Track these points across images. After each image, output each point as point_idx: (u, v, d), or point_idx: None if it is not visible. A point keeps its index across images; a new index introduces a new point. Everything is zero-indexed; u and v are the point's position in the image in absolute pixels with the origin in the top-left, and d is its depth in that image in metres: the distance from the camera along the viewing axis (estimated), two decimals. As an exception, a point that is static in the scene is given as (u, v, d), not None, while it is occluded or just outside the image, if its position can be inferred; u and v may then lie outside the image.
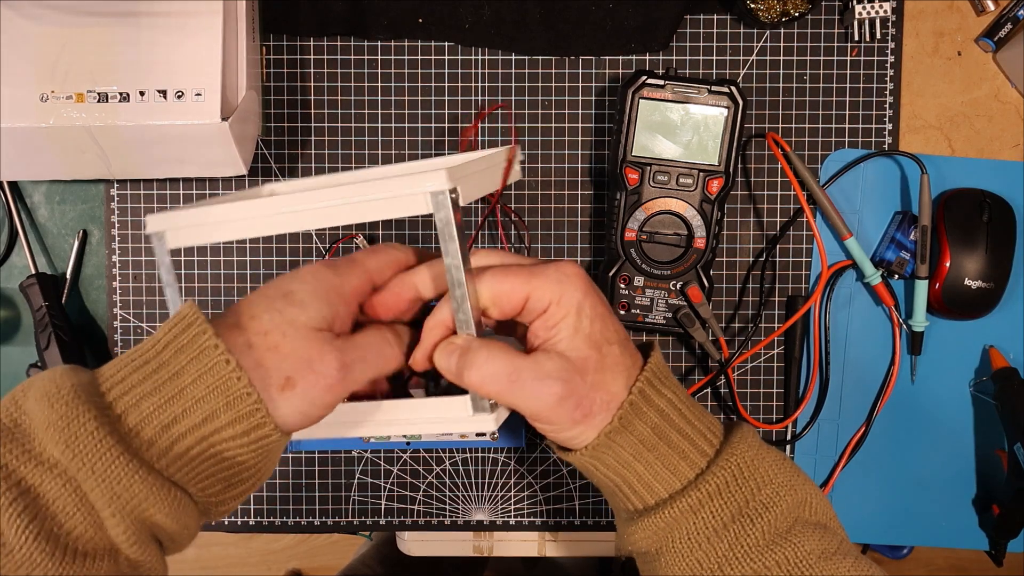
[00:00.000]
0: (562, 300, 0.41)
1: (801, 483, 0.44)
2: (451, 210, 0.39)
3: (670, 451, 0.42)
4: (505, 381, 0.40)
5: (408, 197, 0.39)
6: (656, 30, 0.64)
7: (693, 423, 0.43)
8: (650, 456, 0.42)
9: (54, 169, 0.60)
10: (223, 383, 0.37)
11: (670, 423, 0.42)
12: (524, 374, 0.40)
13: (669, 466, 0.42)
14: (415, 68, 0.66)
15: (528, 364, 0.40)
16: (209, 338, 0.37)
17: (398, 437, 0.65)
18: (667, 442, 0.42)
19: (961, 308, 0.64)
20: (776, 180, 0.66)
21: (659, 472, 0.42)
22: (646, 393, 0.42)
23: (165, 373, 0.38)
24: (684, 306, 0.63)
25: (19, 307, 0.68)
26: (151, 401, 0.37)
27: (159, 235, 0.44)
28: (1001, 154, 0.67)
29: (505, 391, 0.40)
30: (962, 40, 0.66)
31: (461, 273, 0.40)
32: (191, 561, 1.46)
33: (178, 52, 0.57)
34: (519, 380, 0.40)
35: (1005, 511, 0.65)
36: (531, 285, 0.41)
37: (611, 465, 0.43)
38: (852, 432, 0.67)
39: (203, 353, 0.37)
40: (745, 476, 0.42)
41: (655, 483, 0.43)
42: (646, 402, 0.42)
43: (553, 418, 0.41)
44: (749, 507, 0.42)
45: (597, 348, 0.41)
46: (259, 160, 0.66)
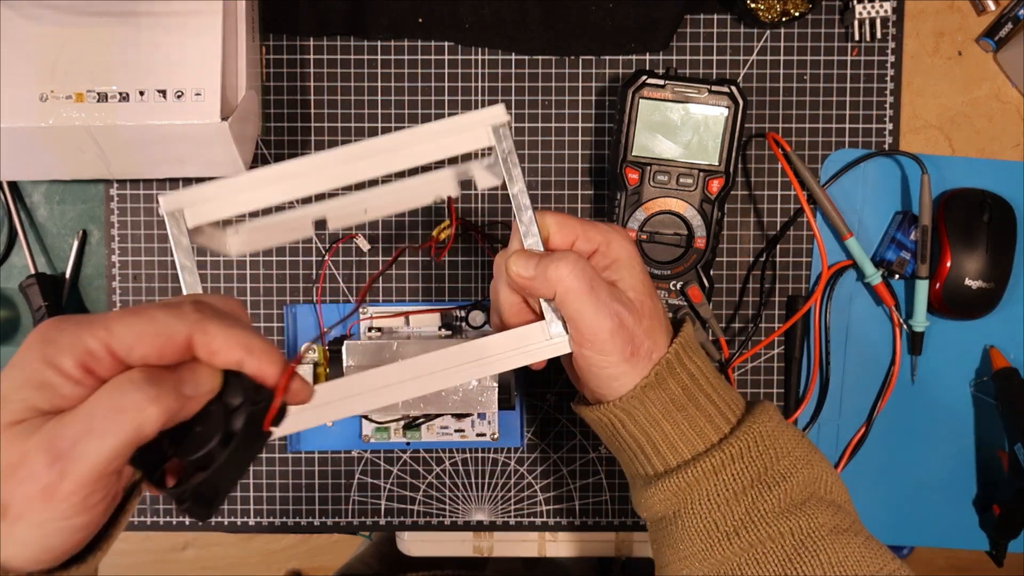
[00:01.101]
0: (611, 245, 0.43)
1: (818, 460, 0.45)
2: (511, 140, 0.43)
3: (698, 413, 0.43)
4: (586, 287, 0.41)
5: (470, 131, 0.43)
6: (656, 30, 0.64)
7: (719, 391, 0.45)
8: (679, 415, 0.43)
9: (54, 169, 0.60)
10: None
11: (699, 387, 0.44)
12: (601, 288, 0.41)
13: (695, 427, 0.43)
14: (415, 68, 0.66)
15: (604, 283, 0.42)
16: None
17: (398, 436, 0.65)
18: (695, 404, 0.43)
19: (961, 308, 0.64)
20: (776, 180, 0.66)
21: (685, 432, 0.43)
22: (680, 355, 0.43)
23: None
24: (684, 306, 0.63)
25: (19, 307, 0.68)
26: None
27: (176, 214, 0.42)
28: (1001, 154, 0.67)
29: (583, 297, 0.41)
30: (962, 40, 0.66)
31: (527, 198, 0.43)
32: (191, 561, 1.46)
33: (178, 52, 0.57)
34: (595, 290, 0.41)
35: (1005, 511, 0.65)
36: (581, 227, 0.43)
37: (639, 422, 0.43)
38: (852, 432, 0.67)
39: None
40: (766, 444, 0.43)
41: (680, 443, 0.43)
42: (680, 363, 0.43)
43: (607, 346, 0.41)
44: (768, 474, 0.43)
45: (650, 296, 0.43)
46: (259, 160, 0.66)
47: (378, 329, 0.62)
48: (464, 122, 0.43)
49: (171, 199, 0.42)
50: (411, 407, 0.58)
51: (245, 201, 0.43)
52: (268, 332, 0.66)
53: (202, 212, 0.42)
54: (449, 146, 0.44)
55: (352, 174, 0.43)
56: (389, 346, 0.58)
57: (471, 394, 0.59)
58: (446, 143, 0.43)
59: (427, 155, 0.44)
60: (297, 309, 0.64)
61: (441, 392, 0.58)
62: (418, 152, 0.43)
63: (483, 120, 0.43)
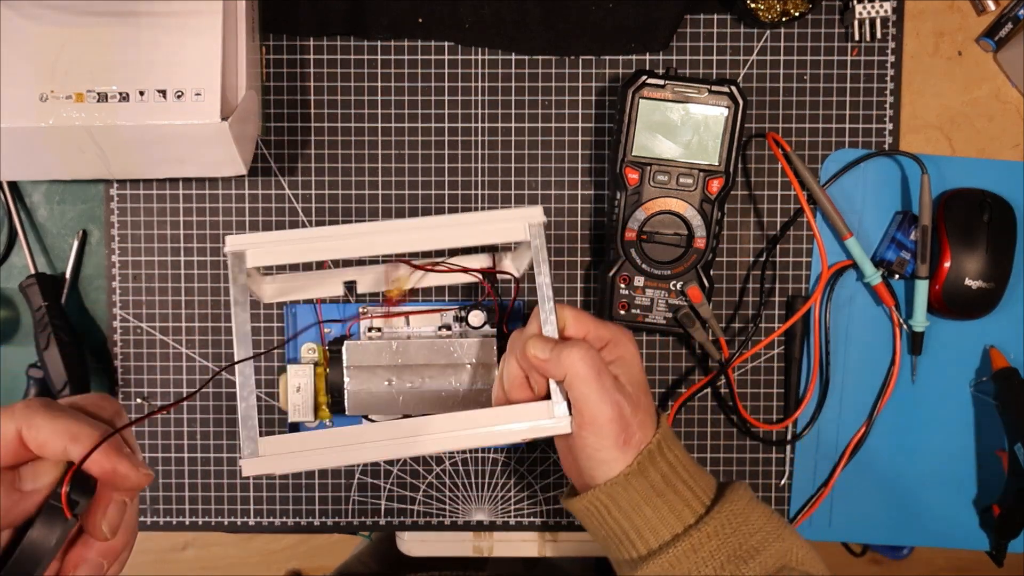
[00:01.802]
0: (618, 344, 0.48)
1: (788, 534, 0.48)
2: (543, 238, 0.49)
3: (676, 497, 0.47)
4: (594, 374, 0.45)
5: (508, 225, 0.49)
6: (656, 30, 0.64)
7: (695, 476, 0.48)
8: (659, 500, 0.47)
9: (54, 169, 0.60)
10: None
11: (676, 474, 0.47)
12: (607, 377, 0.45)
13: (674, 511, 0.47)
14: (415, 68, 0.66)
15: (610, 373, 0.46)
16: None
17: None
18: (674, 490, 0.47)
19: (961, 308, 0.64)
20: (776, 180, 0.66)
21: (665, 516, 0.46)
22: (661, 445, 0.47)
23: None
24: (684, 306, 0.63)
25: (19, 307, 0.68)
26: None
27: (239, 255, 0.47)
28: (1001, 154, 0.66)
29: (590, 382, 0.45)
30: (963, 40, 0.66)
31: (550, 290, 0.48)
32: (191, 561, 1.46)
33: (178, 52, 0.57)
34: (601, 378, 0.45)
35: (1005, 511, 0.65)
36: (594, 324, 0.48)
37: (623, 507, 0.47)
38: (852, 432, 0.67)
39: None
40: (739, 522, 0.47)
41: (660, 526, 0.46)
42: (660, 453, 0.47)
43: (605, 430, 0.45)
44: (743, 549, 0.46)
45: (645, 393, 0.48)
46: (259, 160, 0.66)
47: (378, 329, 0.62)
48: (503, 216, 0.49)
49: (237, 240, 0.47)
50: (411, 408, 0.58)
51: (299, 252, 0.48)
52: (268, 332, 0.66)
53: (260, 256, 0.47)
54: (485, 233, 0.49)
55: (396, 244, 0.49)
56: (389, 346, 0.58)
57: (471, 395, 0.59)
58: (483, 230, 0.49)
59: (464, 239, 0.49)
60: (297, 308, 0.64)
61: (441, 392, 0.58)
62: (456, 235, 0.49)
63: (522, 217, 0.49)
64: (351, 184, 0.66)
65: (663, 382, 0.67)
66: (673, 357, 0.67)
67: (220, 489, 0.67)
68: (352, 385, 0.58)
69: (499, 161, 0.66)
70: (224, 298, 0.66)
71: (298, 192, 0.66)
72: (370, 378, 0.58)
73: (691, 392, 0.66)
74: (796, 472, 0.67)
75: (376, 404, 0.58)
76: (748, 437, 0.67)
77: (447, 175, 0.66)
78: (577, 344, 0.46)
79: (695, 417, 0.67)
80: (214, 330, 0.66)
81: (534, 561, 0.79)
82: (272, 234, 0.48)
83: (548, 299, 0.48)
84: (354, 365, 0.58)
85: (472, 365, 0.58)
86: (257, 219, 0.66)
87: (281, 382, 0.61)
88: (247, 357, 0.47)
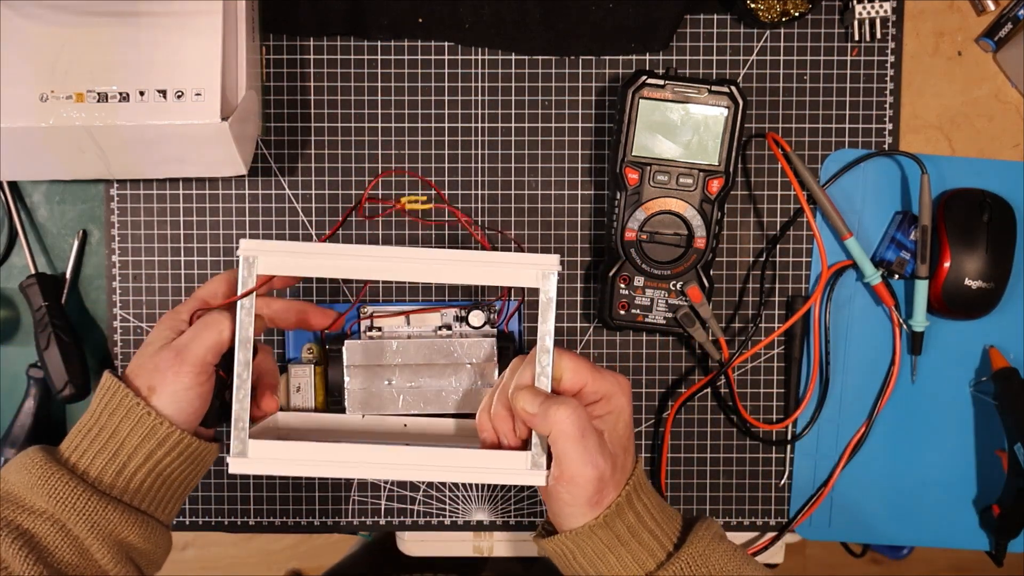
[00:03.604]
0: (612, 398, 0.48)
1: (750, 570, 0.49)
2: (555, 288, 0.48)
3: (639, 547, 0.48)
4: (578, 435, 0.46)
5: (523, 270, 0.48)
6: (656, 30, 0.64)
7: (661, 524, 0.49)
8: (622, 550, 0.48)
9: (54, 169, 0.60)
10: (151, 429, 0.48)
11: (643, 524, 0.48)
12: (591, 438, 0.46)
13: (637, 559, 0.48)
14: (415, 68, 0.66)
15: (595, 433, 0.46)
16: (132, 398, 0.48)
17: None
18: (638, 539, 0.48)
19: (961, 308, 0.64)
20: (776, 180, 0.66)
21: (628, 564, 0.48)
22: (631, 497, 0.48)
23: (106, 433, 0.49)
24: (684, 306, 0.63)
25: (19, 307, 0.67)
26: (103, 456, 0.49)
27: (251, 259, 0.48)
28: (1001, 154, 0.67)
29: (574, 443, 0.46)
30: (962, 40, 0.66)
31: (551, 341, 0.48)
32: (191, 561, 1.46)
33: (178, 52, 0.57)
34: (585, 439, 0.46)
35: (1005, 511, 0.65)
36: (592, 376, 0.48)
37: (588, 555, 0.48)
38: (852, 432, 0.67)
39: (130, 411, 0.48)
40: (699, 564, 0.48)
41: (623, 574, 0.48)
42: (628, 505, 0.48)
43: (580, 489, 0.46)
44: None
45: (624, 450, 0.48)
46: (259, 160, 0.66)
47: (378, 328, 0.62)
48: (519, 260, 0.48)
49: (251, 245, 0.48)
50: (411, 407, 0.58)
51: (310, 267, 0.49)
52: (268, 332, 0.66)
53: (271, 264, 0.48)
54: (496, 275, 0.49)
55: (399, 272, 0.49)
56: (389, 345, 0.58)
57: (471, 394, 0.59)
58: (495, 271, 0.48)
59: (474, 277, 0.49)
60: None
61: (441, 392, 0.58)
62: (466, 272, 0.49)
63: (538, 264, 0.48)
64: (351, 184, 0.66)
65: (663, 382, 0.67)
66: (673, 357, 0.67)
67: (220, 489, 0.67)
68: (352, 384, 0.58)
69: (499, 161, 0.66)
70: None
71: (298, 192, 0.66)
72: (370, 377, 0.58)
73: (691, 392, 0.66)
74: (796, 472, 0.67)
75: (376, 403, 0.58)
76: (748, 437, 0.67)
77: (447, 175, 0.66)
78: (566, 403, 0.46)
79: (695, 417, 0.67)
80: (214, 330, 0.66)
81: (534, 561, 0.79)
82: (286, 244, 0.49)
83: (548, 351, 0.48)
84: (354, 364, 0.58)
85: (472, 365, 0.58)
86: (257, 219, 0.66)
87: (281, 382, 0.61)
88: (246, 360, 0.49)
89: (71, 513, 0.47)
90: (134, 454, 0.48)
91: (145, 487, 0.49)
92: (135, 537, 0.49)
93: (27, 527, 0.47)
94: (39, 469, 0.47)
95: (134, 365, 0.50)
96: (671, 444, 0.67)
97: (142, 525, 0.49)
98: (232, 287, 0.51)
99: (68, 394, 0.63)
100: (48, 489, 0.47)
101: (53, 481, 0.47)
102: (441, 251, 0.49)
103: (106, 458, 0.48)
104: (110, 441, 0.48)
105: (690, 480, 0.67)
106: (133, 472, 0.49)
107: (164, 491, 0.51)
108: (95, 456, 0.49)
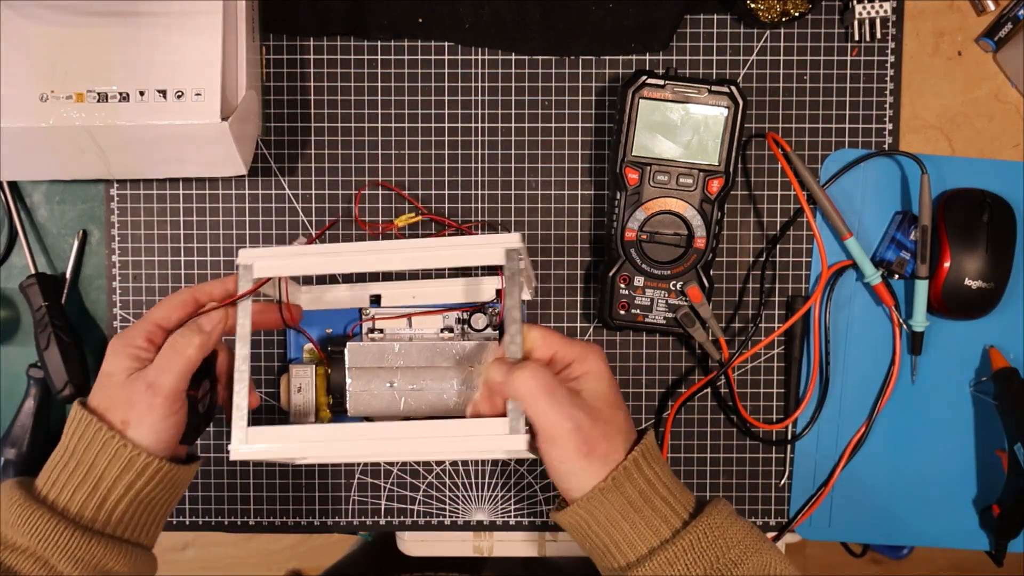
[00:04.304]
0: (585, 360, 0.49)
1: (767, 549, 0.49)
2: (519, 264, 0.51)
3: (653, 513, 0.48)
4: (542, 391, 0.47)
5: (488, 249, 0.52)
6: (656, 30, 0.64)
7: (674, 493, 0.49)
8: (635, 516, 0.48)
9: (54, 169, 0.60)
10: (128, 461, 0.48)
11: (655, 491, 0.48)
12: (559, 392, 0.47)
13: (651, 526, 0.48)
14: (415, 68, 0.66)
15: (564, 389, 0.47)
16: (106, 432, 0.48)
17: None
18: (651, 506, 0.48)
19: (961, 308, 0.64)
20: (776, 180, 0.66)
21: (642, 531, 0.48)
22: (639, 462, 0.48)
23: (84, 467, 0.49)
24: (684, 306, 0.63)
25: (19, 307, 0.67)
26: (82, 491, 0.49)
27: (247, 267, 0.52)
28: (1001, 154, 0.67)
29: (539, 399, 0.47)
30: (962, 40, 0.66)
31: (518, 312, 0.50)
32: (191, 561, 1.46)
33: (178, 52, 0.57)
34: (554, 395, 0.47)
35: (1005, 511, 0.65)
36: (561, 343, 0.50)
37: (601, 522, 0.48)
38: (852, 432, 0.67)
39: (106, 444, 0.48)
40: (715, 535, 0.48)
41: (638, 541, 0.48)
42: (637, 469, 0.48)
43: (562, 442, 0.47)
44: (720, 563, 0.47)
45: (609, 406, 0.49)
46: (259, 160, 0.66)
47: (380, 330, 0.62)
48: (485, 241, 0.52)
49: (248, 254, 0.52)
50: (413, 409, 0.58)
51: (298, 265, 0.52)
52: (268, 333, 0.66)
53: (265, 268, 0.52)
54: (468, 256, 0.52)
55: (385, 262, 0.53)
56: (391, 347, 0.58)
57: (472, 395, 0.59)
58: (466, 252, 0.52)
59: (449, 260, 0.52)
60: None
61: (443, 395, 0.58)
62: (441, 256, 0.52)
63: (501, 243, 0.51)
64: (351, 184, 0.66)
65: (663, 382, 0.67)
66: (673, 357, 0.67)
67: (220, 489, 0.67)
68: (354, 386, 0.58)
69: (499, 161, 0.66)
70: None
71: (298, 192, 0.66)
72: (372, 379, 0.58)
73: (691, 392, 0.66)
74: (796, 472, 0.67)
75: (378, 405, 0.58)
76: (748, 437, 0.67)
77: (447, 175, 0.66)
78: (527, 364, 0.47)
79: (695, 417, 0.67)
80: (214, 330, 0.66)
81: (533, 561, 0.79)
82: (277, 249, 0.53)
83: (515, 321, 0.50)
84: (356, 366, 0.58)
85: (474, 368, 0.58)
86: (257, 219, 0.66)
87: (282, 382, 0.61)
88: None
89: (55, 551, 0.47)
90: (114, 486, 0.48)
91: (127, 517, 0.50)
92: (121, 567, 0.49)
93: (11, 565, 0.47)
94: (19, 508, 0.47)
95: (102, 397, 0.50)
96: (671, 444, 0.67)
97: (127, 555, 0.49)
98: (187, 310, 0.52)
99: (68, 394, 0.63)
100: (30, 528, 0.47)
101: (35, 520, 0.47)
102: (416, 240, 0.53)
103: (86, 492, 0.48)
104: (88, 475, 0.48)
105: (690, 480, 0.67)
106: (114, 504, 0.49)
107: (145, 517, 0.51)
108: (75, 491, 0.49)
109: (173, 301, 0.52)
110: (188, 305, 0.52)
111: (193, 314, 0.52)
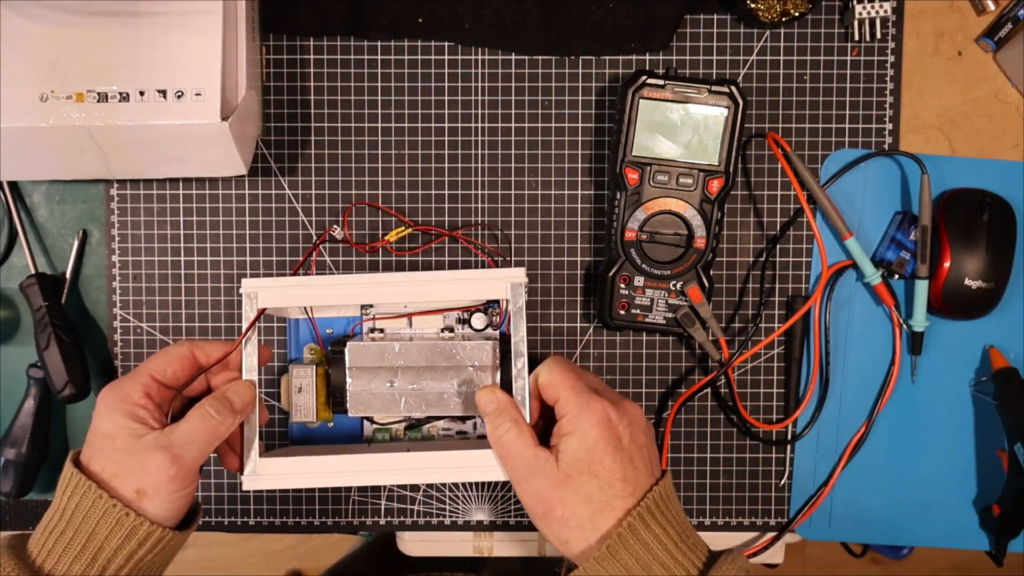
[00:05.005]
0: (576, 419, 0.48)
1: None
2: (524, 298, 0.53)
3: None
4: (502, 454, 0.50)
5: (493, 284, 0.54)
6: (656, 30, 0.64)
7: (676, 557, 0.47)
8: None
9: (53, 169, 0.60)
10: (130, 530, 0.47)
11: (654, 556, 0.46)
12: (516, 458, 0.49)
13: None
14: (415, 68, 0.66)
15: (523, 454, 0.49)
16: (107, 500, 0.46)
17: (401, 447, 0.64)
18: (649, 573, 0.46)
19: (961, 308, 0.64)
20: (776, 180, 0.66)
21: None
22: (635, 527, 0.46)
23: (82, 536, 0.47)
24: (684, 306, 0.63)
25: (19, 307, 0.67)
26: (80, 563, 0.47)
27: (251, 295, 0.54)
28: (1001, 154, 0.67)
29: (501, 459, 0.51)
30: (962, 40, 0.66)
31: (524, 346, 0.53)
32: (191, 561, 1.46)
33: (178, 52, 0.56)
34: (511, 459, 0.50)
35: (1005, 511, 0.65)
36: (568, 393, 0.49)
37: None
38: (852, 432, 0.67)
39: (107, 513, 0.46)
40: None
41: None
42: (634, 536, 0.46)
43: (524, 501, 0.49)
44: None
45: (580, 473, 0.48)
46: (259, 160, 0.66)
47: (380, 330, 0.62)
48: (490, 275, 0.54)
49: (252, 283, 0.55)
50: (413, 409, 0.58)
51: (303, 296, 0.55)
52: (268, 332, 0.66)
53: (269, 297, 0.54)
54: (470, 291, 0.54)
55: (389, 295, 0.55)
56: (391, 347, 0.58)
57: (473, 397, 0.59)
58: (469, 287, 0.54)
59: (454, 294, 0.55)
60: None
61: (444, 395, 0.58)
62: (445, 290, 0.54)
63: (505, 277, 0.53)
64: (351, 184, 0.66)
65: (663, 382, 0.67)
66: (673, 357, 0.67)
67: (220, 489, 0.67)
68: (354, 386, 0.58)
69: (499, 161, 0.66)
70: (224, 298, 0.66)
71: (298, 192, 0.66)
72: (372, 379, 0.58)
73: (691, 392, 0.66)
74: (796, 472, 0.67)
75: (378, 405, 0.58)
76: (748, 437, 0.67)
77: (447, 175, 0.66)
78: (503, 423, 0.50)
79: (695, 417, 0.67)
80: (214, 330, 0.66)
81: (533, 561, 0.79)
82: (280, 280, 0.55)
83: (521, 355, 0.53)
84: (357, 366, 0.58)
85: (475, 368, 0.58)
86: (257, 219, 0.66)
87: (283, 382, 0.61)
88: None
89: None
90: (114, 556, 0.47)
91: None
92: None
93: None
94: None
95: (105, 461, 0.47)
96: (671, 444, 0.67)
97: None
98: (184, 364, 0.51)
99: (68, 394, 0.63)
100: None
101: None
102: (420, 274, 0.55)
103: (84, 564, 0.47)
104: (88, 545, 0.47)
105: (690, 480, 0.67)
106: (113, 574, 0.47)
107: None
108: (72, 562, 0.47)
109: (171, 354, 0.51)
110: (186, 359, 0.51)
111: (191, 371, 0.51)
